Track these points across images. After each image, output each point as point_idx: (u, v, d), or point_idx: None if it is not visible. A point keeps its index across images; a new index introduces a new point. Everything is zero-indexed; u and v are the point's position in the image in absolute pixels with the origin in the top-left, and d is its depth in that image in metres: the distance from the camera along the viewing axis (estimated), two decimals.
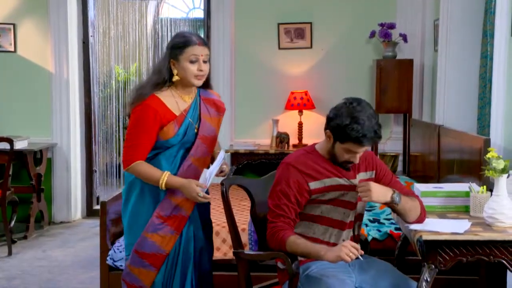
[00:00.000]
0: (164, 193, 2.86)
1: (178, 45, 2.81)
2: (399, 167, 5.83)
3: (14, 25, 6.09)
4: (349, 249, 2.44)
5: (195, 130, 2.90)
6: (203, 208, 3.03)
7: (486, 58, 4.36)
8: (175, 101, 2.86)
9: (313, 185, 2.67)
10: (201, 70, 2.83)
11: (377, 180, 2.76)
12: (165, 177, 2.77)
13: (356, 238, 2.80)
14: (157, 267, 2.88)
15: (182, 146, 2.89)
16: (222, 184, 2.89)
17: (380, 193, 2.58)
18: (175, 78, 2.84)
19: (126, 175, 2.96)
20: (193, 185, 2.74)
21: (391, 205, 2.64)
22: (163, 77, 2.84)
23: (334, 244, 2.64)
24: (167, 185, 2.78)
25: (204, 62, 2.84)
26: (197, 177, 2.81)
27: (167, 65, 2.84)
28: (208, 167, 2.86)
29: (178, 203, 2.86)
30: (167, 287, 2.92)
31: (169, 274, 2.92)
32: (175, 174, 2.84)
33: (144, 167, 2.80)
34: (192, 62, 2.81)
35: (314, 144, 2.81)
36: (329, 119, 2.66)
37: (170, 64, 2.84)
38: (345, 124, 2.56)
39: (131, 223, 2.94)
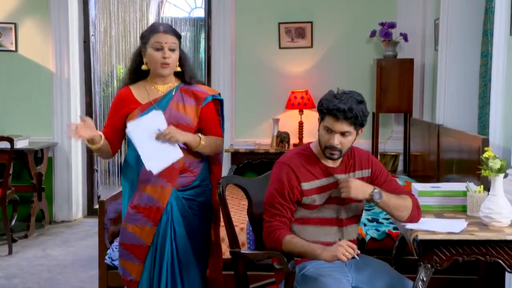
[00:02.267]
0: (137, 182, 2.90)
1: (145, 34, 2.90)
2: (400, 167, 5.82)
3: (15, 24, 6.10)
4: (345, 249, 2.44)
5: None
6: (190, 206, 2.97)
7: (486, 57, 4.35)
8: (146, 91, 2.92)
9: (305, 185, 2.67)
10: (164, 58, 2.84)
11: (373, 178, 2.76)
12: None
13: (354, 242, 2.77)
14: (141, 259, 2.90)
15: None
16: (219, 183, 2.88)
17: (359, 189, 2.60)
18: (144, 67, 2.91)
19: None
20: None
21: (372, 202, 2.65)
22: (134, 65, 2.93)
23: (329, 243, 2.62)
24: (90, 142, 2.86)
25: (171, 50, 2.86)
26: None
27: (138, 54, 2.94)
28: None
29: (149, 192, 2.87)
30: (153, 281, 2.92)
31: (153, 267, 2.91)
32: (142, 162, 2.86)
33: None
34: (157, 49, 2.85)
35: (309, 143, 2.81)
36: None
37: (142, 54, 2.92)
38: (325, 98, 2.62)
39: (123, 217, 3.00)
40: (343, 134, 2.60)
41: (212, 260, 3.09)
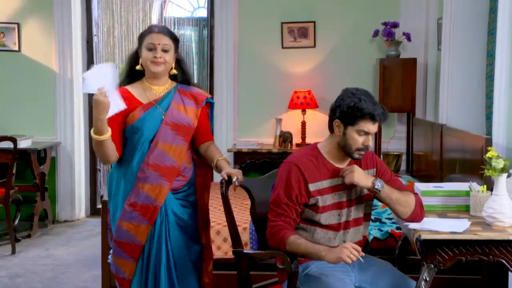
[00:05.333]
0: (133, 181, 2.86)
1: (141, 35, 2.94)
2: (403, 166, 5.81)
3: (18, 24, 6.12)
4: (350, 251, 2.43)
5: (162, 117, 2.90)
6: (183, 205, 2.97)
7: (492, 57, 4.33)
8: (144, 92, 2.93)
9: (312, 187, 2.66)
10: (155, 57, 2.86)
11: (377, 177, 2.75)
12: (92, 130, 2.76)
13: (361, 242, 2.78)
14: (134, 258, 2.88)
15: (149, 133, 2.86)
16: (221, 183, 2.88)
17: (362, 176, 2.62)
18: (138, 67, 2.93)
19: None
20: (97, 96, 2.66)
21: (374, 192, 2.64)
22: (130, 65, 2.95)
23: (337, 246, 2.61)
24: (96, 130, 2.71)
25: (164, 51, 2.88)
26: (165, 163, 2.83)
27: (134, 54, 2.97)
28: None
29: (146, 191, 2.84)
30: (145, 281, 2.90)
31: (146, 267, 2.89)
32: (141, 161, 2.85)
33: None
34: (150, 49, 2.88)
35: (316, 143, 2.81)
36: (334, 110, 2.68)
37: (138, 54, 2.94)
38: (354, 104, 2.60)
39: (113, 216, 2.95)
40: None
41: (204, 263, 3.06)
